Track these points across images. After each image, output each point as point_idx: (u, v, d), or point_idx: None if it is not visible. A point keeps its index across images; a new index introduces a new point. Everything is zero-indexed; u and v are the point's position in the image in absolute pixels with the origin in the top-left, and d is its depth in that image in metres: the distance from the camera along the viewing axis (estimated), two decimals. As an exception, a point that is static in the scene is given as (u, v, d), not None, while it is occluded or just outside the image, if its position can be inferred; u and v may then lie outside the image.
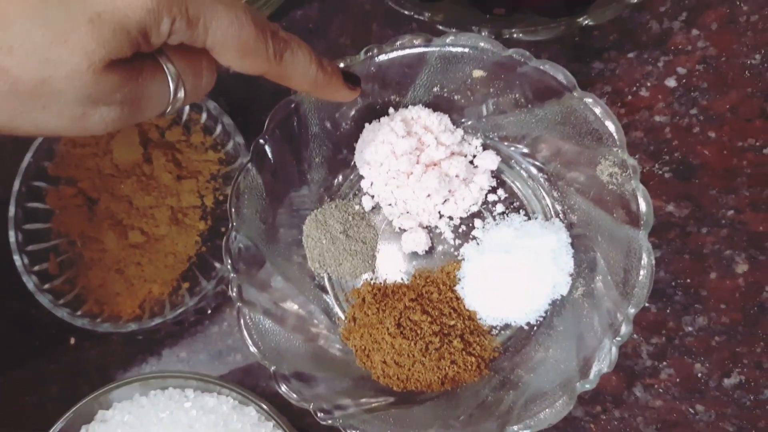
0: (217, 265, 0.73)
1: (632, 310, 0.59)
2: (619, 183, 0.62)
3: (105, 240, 0.73)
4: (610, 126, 0.61)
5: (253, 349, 0.63)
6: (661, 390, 0.68)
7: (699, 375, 0.67)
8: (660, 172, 0.71)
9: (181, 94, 0.48)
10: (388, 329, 0.65)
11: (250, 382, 0.72)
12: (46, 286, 0.73)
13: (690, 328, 0.68)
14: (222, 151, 0.75)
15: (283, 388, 0.61)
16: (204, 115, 0.75)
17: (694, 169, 0.70)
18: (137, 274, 0.72)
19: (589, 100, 0.62)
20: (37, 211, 0.76)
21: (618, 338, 0.59)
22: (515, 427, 0.59)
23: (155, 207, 0.72)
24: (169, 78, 0.47)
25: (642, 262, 0.59)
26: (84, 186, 0.75)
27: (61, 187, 0.76)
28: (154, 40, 0.43)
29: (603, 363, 0.59)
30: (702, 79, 0.71)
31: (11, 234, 0.73)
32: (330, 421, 0.60)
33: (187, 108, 0.76)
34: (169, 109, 0.49)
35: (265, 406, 0.65)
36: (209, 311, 0.75)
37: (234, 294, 0.63)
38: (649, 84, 0.72)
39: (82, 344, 0.76)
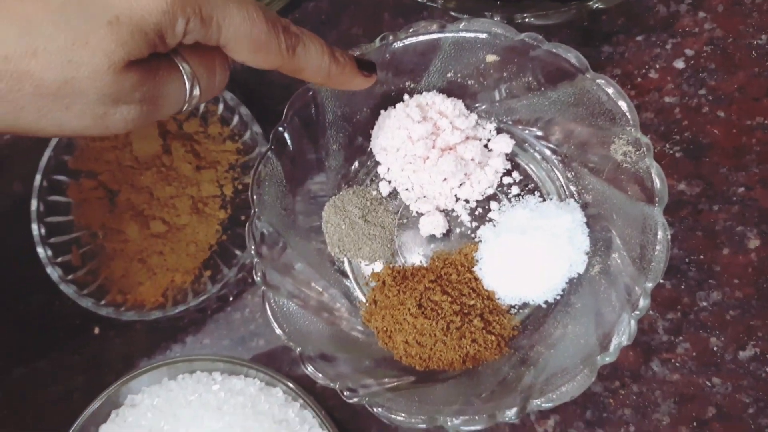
0: (238, 252, 0.74)
1: (649, 284, 0.60)
2: (633, 161, 0.63)
3: (126, 231, 0.74)
4: (623, 105, 0.63)
5: (278, 331, 0.64)
6: (677, 364, 0.69)
7: (714, 349, 0.69)
8: (671, 152, 0.72)
9: (196, 91, 0.50)
10: (409, 310, 0.67)
11: (274, 367, 0.73)
12: (70, 277, 0.74)
13: (704, 303, 0.69)
14: (239, 141, 0.76)
15: (309, 369, 0.62)
16: (221, 106, 0.76)
17: (704, 148, 0.72)
18: (159, 263, 0.74)
19: (601, 81, 0.63)
20: (59, 204, 0.77)
21: (636, 312, 0.60)
22: (538, 401, 0.60)
23: (176, 197, 0.73)
24: (185, 76, 0.49)
25: (658, 236, 0.61)
26: (104, 178, 0.76)
27: (82, 180, 0.77)
28: (169, 41, 0.45)
29: (622, 336, 0.60)
30: (710, 60, 0.72)
31: (34, 227, 0.74)
32: (356, 399, 0.61)
33: (204, 100, 0.77)
34: (185, 107, 0.51)
35: (292, 386, 0.67)
36: (231, 298, 0.76)
37: (259, 278, 0.64)
38: (657, 66, 0.73)
39: (106, 334, 0.77)
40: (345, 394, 0.61)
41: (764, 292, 0.69)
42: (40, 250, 0.74)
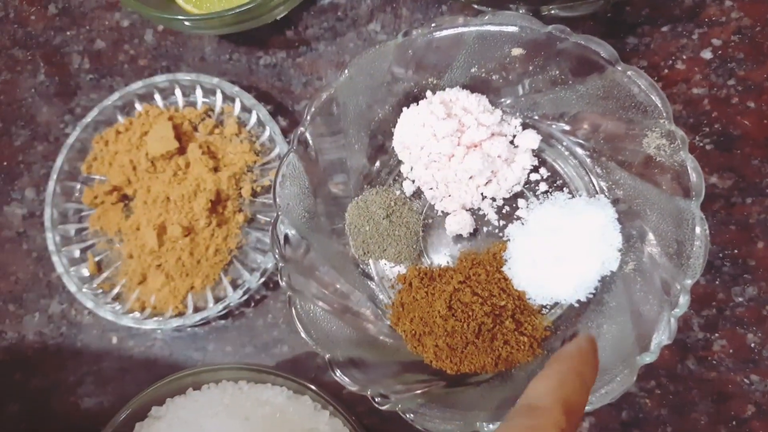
0: (259, 257, 0.72)
1: (689, 281, 0.58)
2: (667, 155, 0.61)
3: (144, 236, 0.72)
4: (656, 98, 0.61)
5: (305, 336, 0.62)
6: (714, 362, 0.67)
7: (752, 345, 0.67)
8: (701, 144, 0.70)
9: None
10: (439, 312, 0.65)
11: (299, 374, 0.71)
12: (87, 286, 0.72)
13: (740, 299, 0.68)
14: (257, 143, 0.75)
15: (338, 375, 0.61)
16: (238, 106, 0.75)
17: (735, 139, 0.70)
18: (178, 269, 0.72)
19: (632, 73, 0.61)
20: (73, 211, 0.75)
21: (676, 310, 0.58)
22: (576, 404, 0.58)
23: (193, 200, 0.72)
24: None
25: (696, 232, 0.59)
26: (119, 183, 0.74)
27: (96, 186, 0.75)
28: None
29: (663, 335, 0.58)
30: (738, 49, 0.71)
31: (49, 236, 0.73)
32: (388, 406, 0.59)
33: (219, 100, 0.76)
34: None
35: (321, 394, 0.65)
36: (253, 304, 0.75)
37: (284, 282, 0.63)
38: (684, 57, 0.72)
39: (125, 343, 0.76)
40: (377, 400, 0.60)
41: (801, 285, 0.68)
42: (55, 259, 0.72)
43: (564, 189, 0.70)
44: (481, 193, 0.70)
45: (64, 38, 0.83)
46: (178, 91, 0.77)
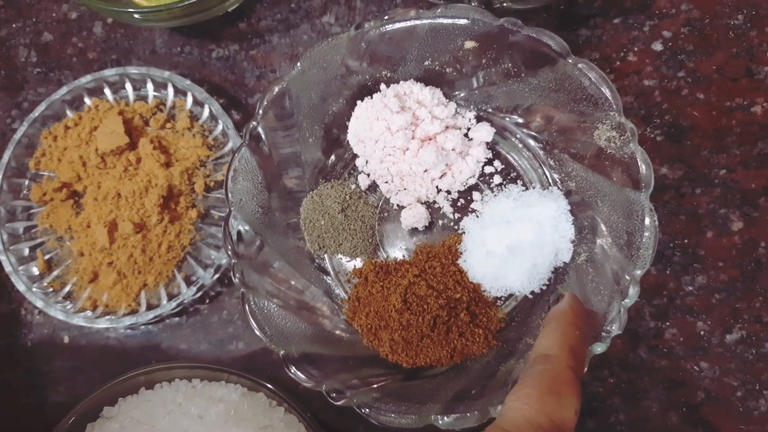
0: (213, 253, 0.72)
1: (638, 272, 0.59)
2: (617, 147, 0.62)
3: (94, 233, 0.71)
4: (606, 90, 0.62)
5: (259, 333, 0.62)
6: (665, 350, 0.68)
7: (701, 333, 0.68)
8: (652, 136, 0.71)
9: None
10: (394, 306, 0.65)
11: (255, 370, 0.71)
12: (36, 285, 0.71)
13: (690, 288, 0.69)
14: (210, 137, 0.74)
15: (293, 371, 0.60)
16: (189, 100, 0.74)
17: (685, 130, 0.71)
18: (131, 266, 0.71)
19: (583, 66, 0.62)
20: (21, 208, 0.73)
21: (626, 300, 0.59)
22: (530, 395, 0.59)
23: (144, 196, 0.71)
24: None
25: (645, 223, 0.60)
26: (68, 179, 0.73)
27: (45, 182, 0.74)
28: None
29: (613, 325, 0.59)
30: (688, 41, 0.72)
31: (-5, 233, 0.71)
32: (343, 401, 0.59)
33: (171, 94, 0.75)
34: None
35: (276, 391, 0.64)
36: (207, 301, 0.74)
37: (237, 279, 0.62)
38: (636, 49, 0.72)
39: (77, 342, 0.74)
40: (332, 396, 0.59)
41: (748, 274, 0.69)
42: (3, 257, 0.71)
43: (518, 181, 0.70)
44: (436, 187, 0.70)
45: (9, 31, 0.81)
46: (128, 85, 0.75)
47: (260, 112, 0.65)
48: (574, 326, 0.55)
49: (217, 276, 0.71)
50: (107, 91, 0.76)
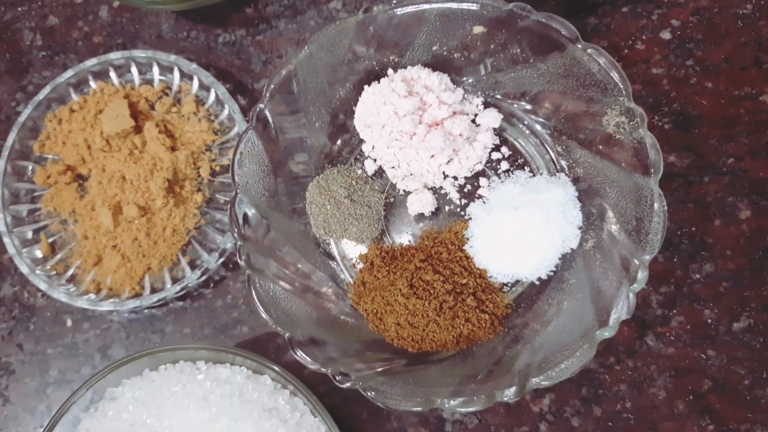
0: (218, 237, 0.71)
1: (647, 257, 0.59)
2: (626, 132, 0.62)
3: (99, 217, 0.70)
4: (615, 76, 0.61)
5: (265, 315, 0.61)
6: (672, 338, 0.68)
7: (709, 321, 0.68)
8: (660, 124, 0.71)
9: None
10: (400, 290, 0.65)
11: (259, 355, 0.70)
12: (40, 268, 0.71)
13: (698, 276, 0.69)
14: (216, 121, 0.73)
15: (299, 354, 0.60)
16: (195, 84, 0.73)
17: (693, 119, 0.71)
18: (135, 250, 0.70)
19: (592, 51, 0.62)
20: (25, 191, 0.73)
21: (635, 285, 0.59)
22: (537, 379, 0.58)
23: (149, 180, 0.70)
24: None
25: (654, 208, 0.59)
26: (73, 162, 0.73)
27: (49, 165, 0.73)
28: None
29: (621, 310, 0.59)
30: (696, 30, 0.72)
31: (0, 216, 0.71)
32: (348, 384, 0.59)
33: (177, 78, 0.74)
34: None
35: (281, 372, 0.64)
36: (212, 285, 0.73)
37: (243, 262, 0.62)
38: (644, 37, 0.72)
39: (80, 325, 0.74)
40: (337, 379, 0.59)
41: (756, 262, 0.68)
42: (6, 240, 0.71)
43: (525, 168, 0.70)
44: (443, 172, 0.70)
45: (15, 14, 0.81)
46: (134, 69, 0.75)
47: (267, 95, 0.65)
48: None
49: (221, 260, 0.70)
50: (113, 74, 0.75)
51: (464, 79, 0.70)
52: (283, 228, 0.68)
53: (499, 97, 0.71)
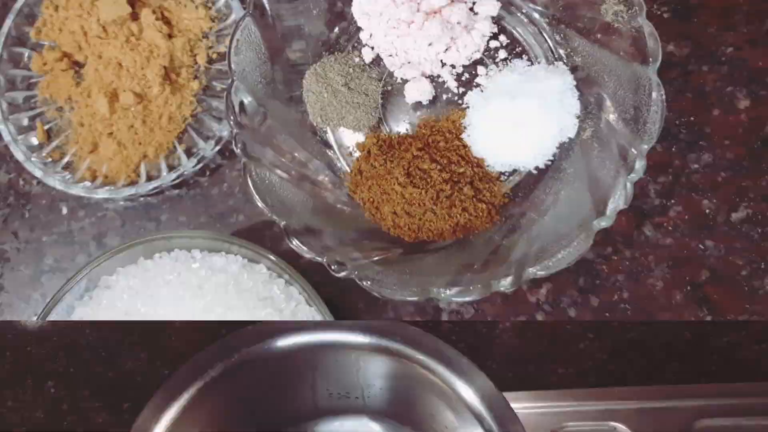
0: (215, 125, 0.71)
1: (645, 146, 0.59)
2: (625, 20, 0.61)
3: (95, 104, 0.70)
4: (614, -39, 0.61)
5: (260, 203, 0.61)
6: (670, 228, 0.68)
7: (707, 211, 0.68)
8: (659, 13, 0.70)
9: None
10: (397, 179, 0.64)
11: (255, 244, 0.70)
12: (35, 155, 0.71)
13: (696, 165, 0.69)
14: (213, 8, 0.73)
15: (295, 243, 0.60)
16: (192, -29, 0.72)
17: (692, 7, 0.70)
18: (131, 137, 0.70)
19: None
20: (21, 78, 0.73)
21: (633, 174, 0.58)
22: (533, 269, 0.58)
23: (146, 67, 0.70)
24: None
25: (652, 97, 0.59)
26: (69, 49, 0.72)
27: (46, 52, 0.73)
28: None
29: (619, 200, 0.58)
30: None
31: (-5, 102, 0.71)
32: (344, 273, 0.59)
33: (173, -36, 0.73)
34: None
35: (276, 261, 0.64)
36: (208, 173, 0.73)
37: (239, 149, 0.61)
38: (645, -77, 0.71)
39: (75, 213, 0.74)
40: (333, 267, 0.59)
41: (755, 152, 0.68)
42: (2, 127, 0.70)
43: (523, 56, 0.70)
44: (441, 60, 0.69)
45: None
46: (129, -46, 0.74)
47: (264, -20, 0.64)
48: None
49: (218, 148, 0.70)
50: (108, -40, 0.74)
51: (463, -35, 0.69)
52: (279, 116, 0.67)
53: (497, -17, 0.70)
